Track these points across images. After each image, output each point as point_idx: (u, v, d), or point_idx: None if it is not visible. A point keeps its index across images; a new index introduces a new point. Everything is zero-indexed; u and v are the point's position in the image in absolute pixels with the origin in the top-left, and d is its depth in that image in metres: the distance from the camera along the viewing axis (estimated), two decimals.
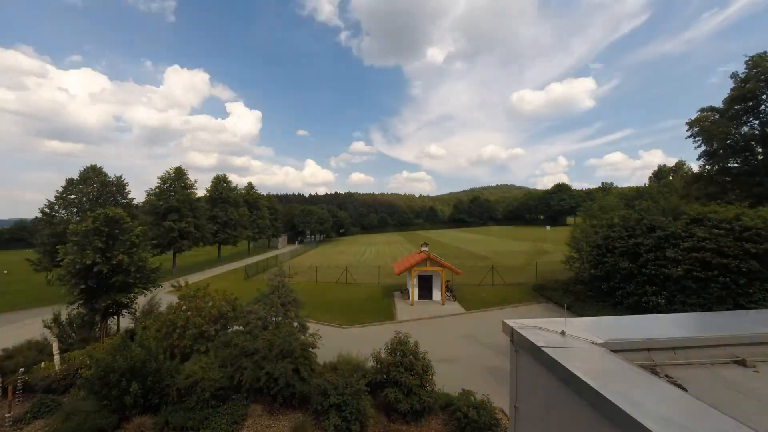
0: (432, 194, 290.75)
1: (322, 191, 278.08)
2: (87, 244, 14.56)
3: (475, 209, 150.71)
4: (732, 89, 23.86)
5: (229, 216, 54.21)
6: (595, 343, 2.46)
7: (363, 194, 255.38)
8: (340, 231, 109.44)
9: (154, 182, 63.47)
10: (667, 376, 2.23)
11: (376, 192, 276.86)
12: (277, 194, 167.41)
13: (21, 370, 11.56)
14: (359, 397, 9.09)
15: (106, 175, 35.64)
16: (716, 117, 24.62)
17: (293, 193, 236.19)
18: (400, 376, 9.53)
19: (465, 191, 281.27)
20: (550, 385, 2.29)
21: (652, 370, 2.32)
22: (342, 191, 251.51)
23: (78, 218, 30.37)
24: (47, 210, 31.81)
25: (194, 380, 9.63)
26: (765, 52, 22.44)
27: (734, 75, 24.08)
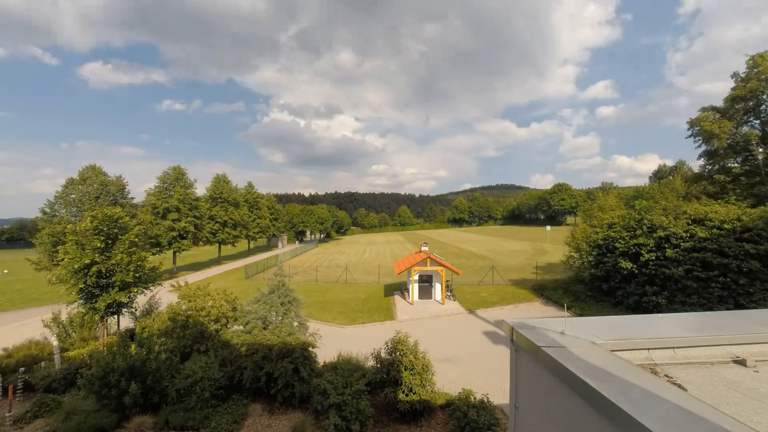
0: (432, 194, 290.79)
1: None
2: (86, 244, 14.56)
3: (475, 209, 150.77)
4: (733, 89, 23.80)
5: (229, 215, 54.22)
6: (595, 343, 2.46)
7: (363, 194, 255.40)
8: (340, 230, 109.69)
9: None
10: (667, 375, 2.23)
11: (377, 192, 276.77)
12: (277, 194, 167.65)
13: (21, 369, 11.57)
14: (359, 397, 9.08)
15: (105, 175, 35.68)
16: (717, 116, 24.59)
17: (293, 193, 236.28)
18: (400, 376, 9.52)
19: (465, 191, 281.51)
20: (550, 385, 2.29)
21: (652, 369, 2.32)
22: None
23: (76, 218, 30.40)
24: (47, 209, 31.86)
25: (194, 380, 9.63)
26: (766, 52, 22.37)
27: (735, 74, 23.99)
